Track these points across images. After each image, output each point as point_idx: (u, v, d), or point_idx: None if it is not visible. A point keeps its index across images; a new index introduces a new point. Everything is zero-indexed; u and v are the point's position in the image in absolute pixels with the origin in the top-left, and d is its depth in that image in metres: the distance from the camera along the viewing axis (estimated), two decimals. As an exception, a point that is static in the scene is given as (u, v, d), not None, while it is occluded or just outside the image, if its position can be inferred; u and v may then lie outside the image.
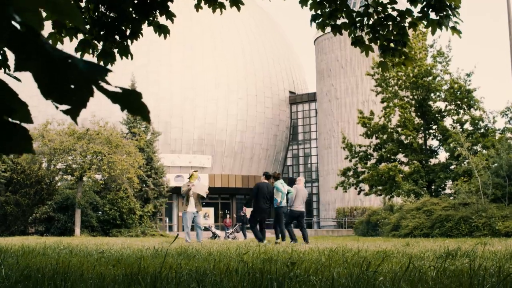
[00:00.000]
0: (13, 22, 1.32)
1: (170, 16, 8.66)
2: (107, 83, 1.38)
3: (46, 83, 1.37)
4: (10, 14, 1.29)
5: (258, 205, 19.00)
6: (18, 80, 7.32)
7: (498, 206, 28.10)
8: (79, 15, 1.37)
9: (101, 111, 61.60)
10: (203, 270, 5.29)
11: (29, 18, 1.31)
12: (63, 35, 8.22)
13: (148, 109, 1.46)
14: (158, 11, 8.59)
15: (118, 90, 1.39)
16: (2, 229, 42.16)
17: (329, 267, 5.27)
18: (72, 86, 1.38)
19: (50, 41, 5.15)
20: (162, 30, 8.96)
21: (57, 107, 1.41)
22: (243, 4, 8.85)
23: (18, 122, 1.42)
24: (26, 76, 1.39)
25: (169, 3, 8.60)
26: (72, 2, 8.61)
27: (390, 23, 8.69)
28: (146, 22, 8.69)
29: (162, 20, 8.88)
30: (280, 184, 19.49)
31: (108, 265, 5.90)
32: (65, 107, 1.40)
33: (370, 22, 8.74)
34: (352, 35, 8.88)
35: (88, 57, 9.02)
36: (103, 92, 1.38)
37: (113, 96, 1.39)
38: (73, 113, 1.41)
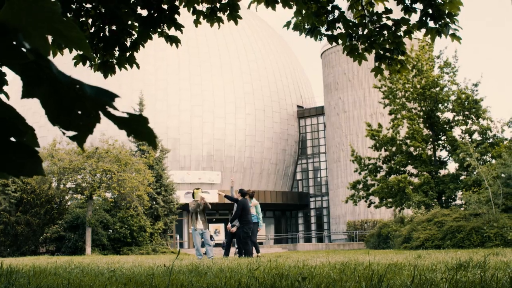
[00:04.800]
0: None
1: (179, 27, 8.73)
2: (115, 108, 1.39)
3: (53, 110, 1.38)
4: (21, 41, 1.30)
5: (247, 220, 19.36)
6: (7, 97, 7.35)
7: (509, 216, 27.98)
8: (88, 47, 1.39)
9: (109, 130, 61.82)
10: (214, 287, 5.29)
11: (37, 43, 1.33)
12: (63, 46, 8.28)
13: (154, 134, 1.47)
14: (166, 24, 8.67)
15: (125, 115, 1.40)
16: (13, 249, 42.23)
17: (341, 282, 5.26)
18: (79, 112, 1.39)
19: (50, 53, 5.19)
20: (173, 40, 9.04)
21: (64, 133, 1.42)
22: (240, 18, 8.94)
23: (26, 144, 1.43)
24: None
25: (176, 16, 8.67)
26: (71, 16, 8.70)
27: (385, 32, 8.76)
28: (156, 33, 8.79)
29: (171, 32, 8.97)
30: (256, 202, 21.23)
31: (120, 283, 5.90)
32: (71, 133, 1.41)
33: (365, 32, 8.81)
34: (346, 44, 8.96)
35: (85, 68, 9.13)
36: (109, 118, 1.39)
37: (119, 122, 1.40)
38: (80, 139, 1.43)
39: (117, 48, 8.62)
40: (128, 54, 8.76)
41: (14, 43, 1.31)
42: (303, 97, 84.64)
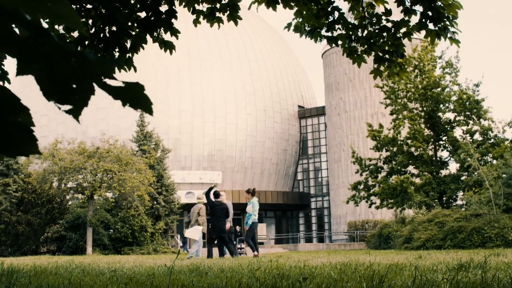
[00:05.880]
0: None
1: (175, 32, 8.72)
2: (113, 77, 1.39)
3: (48, 85, 1.38)
4: (21, 14, 1.30)
5: (215, 223, 19.60)
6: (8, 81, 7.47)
7: (510, 217, 27.94)
8: (80, 23, 1.39)
9: (110, 130, 61.86)
10: (215, 287, 5.29)
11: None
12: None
13: (150, 101, 1.48)
14: (162, 28, 8.67)
15: (121, 84, 1.41)
16: (14, 248, 42.26)
17: (341, 282, 5.26)
18: (74, 86, 1.39)
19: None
20: (168, 46, 9.03)
21: (59, 108, 1.43)
22: (240, 18, 8.94)
23: (21, 123, 1.43)
24: (37, 95, 1.40)
25: (173, 20, 8.66)
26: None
27: (385, 33, 8.77)
28: (151, 38, 8.78)
29: (167, 36, 8.96)
30: (256, 201, 20.72)
31: (120, 283, 5.90)
32: (67, 107, 1.42)
33: (365, 34, 8.81)
34: (345, 46, 8.96)
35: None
36: (104, 88, 1.40)
37: (114, 92, 1.41)
38: (75, 113, 1.44)
39: (117, 49, 8.63)
40: (127, 55, 8.76)
41: (11, 23, 1.32)
42: (304, 97, 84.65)
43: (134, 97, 1.44)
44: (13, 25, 1.34)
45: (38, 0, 1.31)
